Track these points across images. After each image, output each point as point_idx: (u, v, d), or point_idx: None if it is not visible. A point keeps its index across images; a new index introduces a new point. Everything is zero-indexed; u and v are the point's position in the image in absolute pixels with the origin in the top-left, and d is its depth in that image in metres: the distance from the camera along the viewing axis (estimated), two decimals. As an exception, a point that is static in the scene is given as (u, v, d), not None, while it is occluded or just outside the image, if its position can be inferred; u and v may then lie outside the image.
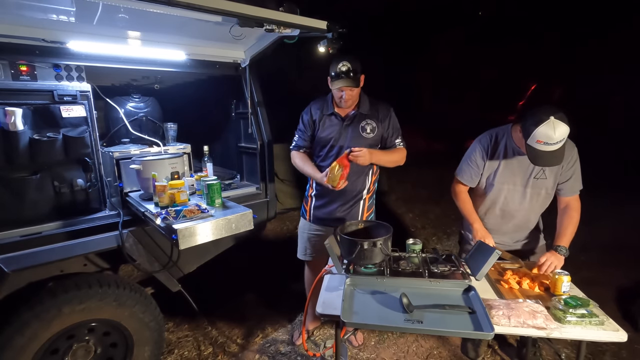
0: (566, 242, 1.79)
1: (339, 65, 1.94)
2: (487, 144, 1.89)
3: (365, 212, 2.23)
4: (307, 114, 2.17)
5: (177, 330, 2.63)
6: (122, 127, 2.36)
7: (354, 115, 2.08)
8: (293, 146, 2.23)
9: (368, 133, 2.08)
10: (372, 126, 2.08)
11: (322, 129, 2.12)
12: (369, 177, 2.19)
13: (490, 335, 1.26)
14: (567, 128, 1.54)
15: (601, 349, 2.35)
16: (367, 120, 2.08)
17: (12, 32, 1.62)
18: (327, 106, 2.12)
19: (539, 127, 1.54)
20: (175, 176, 1.93)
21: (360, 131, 2.07)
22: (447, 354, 2.37)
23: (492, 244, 1.80)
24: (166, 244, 2.08)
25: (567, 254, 1.76)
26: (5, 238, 1.65)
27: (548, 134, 1.53)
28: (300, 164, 2.17)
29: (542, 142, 1.56)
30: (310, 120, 2.15)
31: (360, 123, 2.08)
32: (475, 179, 1.95)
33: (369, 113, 2.09)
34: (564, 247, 1.77)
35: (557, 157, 1.62)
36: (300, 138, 2.20)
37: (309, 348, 2.45)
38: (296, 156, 2.20)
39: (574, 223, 1.82)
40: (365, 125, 2.08)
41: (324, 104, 2.14)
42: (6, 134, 1.63)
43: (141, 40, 1.99)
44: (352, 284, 1.59)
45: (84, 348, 1.80)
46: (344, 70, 1.93)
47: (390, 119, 2.12)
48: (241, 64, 2.40)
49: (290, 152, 2.24)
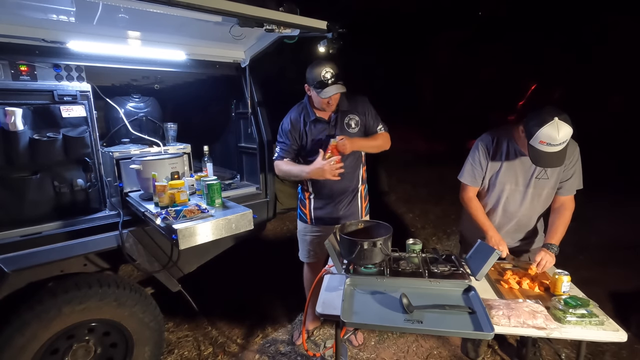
0: (557, 240, 1.80)
1: (322, 73, 1.92)
2: (489, 144, 1.89)
3: (364, 202, 2.29)
4: (287, 124, 2.13)
5: (177, 330, 2.63)
6: (122, 127, 2.36)
7: (337, 115, 2.10)
8: (275, 157, 2.19)
9: (353, 128, 2.12)
10: (355, 120, 2.12)
11: (310, 136, 2.11)
12: (361, 169, 2.24)
13: (490, 335, 1.26)
14: (570, 129, 1.54)
15: (601, 349, 2.34)
16: (350, 116, 2.12)
17: (12, 32, 1.62)
18: (308, 113, 2.11)
19: (542, 127, 1.53)
20: (175, 176, 1.93)
21: (347, 128, 2.11)
22: (447, 354, 2.37)
23: (505, 252, 1.81)
24: (166, 244, 2.08)
25: (557, 251, 1.78)
26: (5, 238, 1.65)
27: (552, 135, 1.52)
28: (286, 168, 2.12)
29: (546, 143, 1.56)
30: (291, 129, 2.11)
31: (344, 120, 2.10)
32: (479, 179, 1.95)
33: (349, 108, 2.12)
34: (555, 245, 1.78)
35: (560, 158, 1.62)
36: (282, 149, 2.15)
37: (309, 348, 2.44)
38: (281, 164, 2.15)
39: (565, 222, 1.84)
40: (349, 122, 2.11)
41: (303, 112, 2.12)
42: (6, 134, 1.63)
43: (141, 40, 1.99)
44: (352, 284, 1.59)
45: (84, 348, 1.80)
46: (330, 76, 1.92)
47: (369, 109, 2.16)
48: (241, 64, 2.40)
49: (274, 162, 2.20)
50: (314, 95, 2.01)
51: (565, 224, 1.84)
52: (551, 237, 1.82)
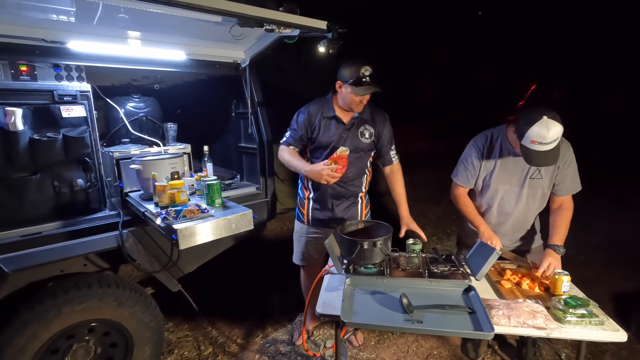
0: (561, 240, 1.79)
1: (361, 70, 1.86)
2: (482, 144, 1.89)
3: (364, 210, 2.26)
4: (304, 114, 2.08)
5: (177, 330, 2.63)
6: (122, 127, 2.36)
7: (355, 120, 2.06)
8: (283, 141, 2.14)
9: (367, 138, 2.07)
10: (370, 132, 2.08)
11: (322, 132, 2.07)
12: (364, 178, 2.21)
13: (490, 335, 1.26)
14: (560, 127, 1.54)
15: (601, 349, 2.34)
16: (366, 126, 2.07)
17: (12, 32, 1.62)
18: (328, 109, 2.06)
19: (532, 127, 1.54)
20: (175, 176, 1.93)
21: (360, 136, 2.06)
22: (447, 354, 2.37)
23: (499, 246, 1.79)
24: (166, 244, 2.08)
25: (564, 252, 1.76)
26: (5, 238, 1.65)
27: (542, 134, 1.53)
28: (288, 157, 2.07)
29: (537, 142, 1.56)
30: (306, 121, 2.07)
31: (359, 128, 2.06)
32: (471, 180, 1.95)
33: (369, 118, 2.07)
34: (561, 246, 1.77)
35: (552, 157, 1.62)
36: (292, 136, 2.12)
37: (309, 348, 2.45)
38: (285, 150, 2.10)
39: (567, 222, 1.83)
40: (364, 131, 2.07)
41: (324, 106, 2.08)
42: (6, 134, 1.63)
43: (141, 40, 1.99)
44: (352, 284, 1.59)
45: (84, 348, 1.80)
46: (368, 75, 1.87)
47: (387, 128, 2.11)
48: (241, 64, 2.40)
49: (279, 146, 2.16)
50: (347, 92, 1.93)
51: (567, 224, 1.83)
52: (555, 237, 1.80)
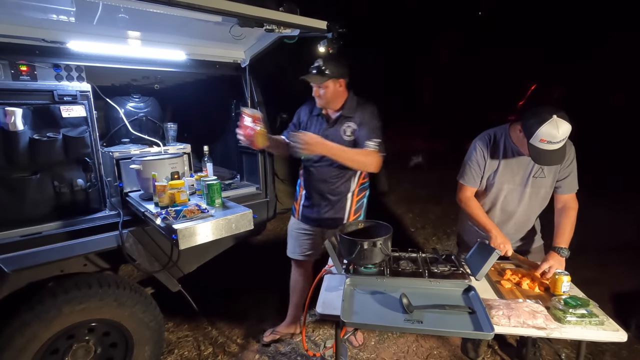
0: (566, 242, 1.77)
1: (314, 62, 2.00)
2: (486, 144, 1.89)
3: (352, 214, 2.19)
4: (298, 113, 2.26)
5: (177, 330, 2.63)
6: (122, 127, 2.36)
7: (338, 117, 2.07)
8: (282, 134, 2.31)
9: (349, 135, 2.04)
10: (352, 129, 2.04)
11: (310, 128, 2.13)
12: (354, 180, 2.15)
13: (490, 335, 1.26)
14: (569, 126, 1.54)
15: (601, 349, 2.35)
16: (349, 123, 2.04)
17: (12, 32, 1.62)
18: (316, 107, 2.13)
19: (542, 126, 1.53)
20: (175, 176, 1.93)
21: (342, 134, 2.04)
22: (447, 354, 2.37)
23: (510, 252, 1.78)
24: (166, 244, 2.08)
25: (568, 254, 1.74)
26: (5, 238, 1.65)
27: (552, 133, 1.53)
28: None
29: (546, 141, 1.55)
30: (299, 115, 2.25)
31: (342, 125, 2.05)
32: (477, 179, 1.94)
33: (352, 115, 2.04)
34: (565, 248, 1.75)
35: (561, 156, 1.62)
36: (287, 131, 2.28)
37: (309, 348, 2.45)
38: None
39: (572, 223, 1.82)
40: (346, 128, 2.04)
41: (313, 105, 2.15)
42: (6, 134, 1.62)
43: (141, 40, 1.99)
44: (352, 284, 1.59)
45: (84, 348, 1.80)
46: (314, 66, 1.99)
47: (368, 119, 2.01)
48: (241, 64, 2.40)
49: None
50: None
51: (572, 225, 1.81)
52: (560, 239, 1.78)
